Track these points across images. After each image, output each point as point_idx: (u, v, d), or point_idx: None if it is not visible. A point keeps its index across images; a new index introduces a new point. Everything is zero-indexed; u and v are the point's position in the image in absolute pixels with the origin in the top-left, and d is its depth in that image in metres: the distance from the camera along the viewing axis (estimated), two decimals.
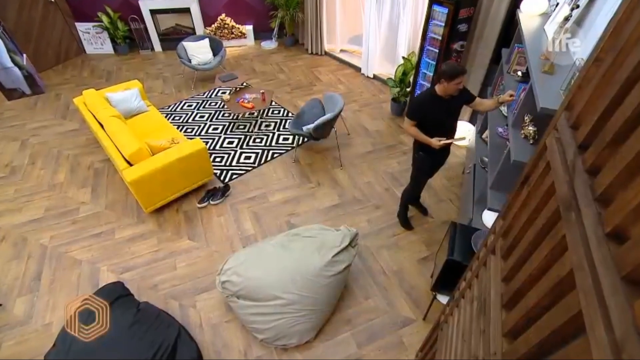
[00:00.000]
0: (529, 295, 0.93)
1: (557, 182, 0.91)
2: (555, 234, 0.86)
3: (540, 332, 0.82)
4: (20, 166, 4.04)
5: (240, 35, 6.75)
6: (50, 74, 6.01)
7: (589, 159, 0.81)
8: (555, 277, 0.79)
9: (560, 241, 0.81)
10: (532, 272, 0.95)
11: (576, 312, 0.67)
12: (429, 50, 3.84)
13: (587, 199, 0.75)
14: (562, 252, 0.80)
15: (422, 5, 4.37)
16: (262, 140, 4.32)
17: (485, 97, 3.39)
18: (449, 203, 3.50)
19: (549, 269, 0.85)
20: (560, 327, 0.73)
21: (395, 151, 4.16)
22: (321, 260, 2.49)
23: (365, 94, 5.28)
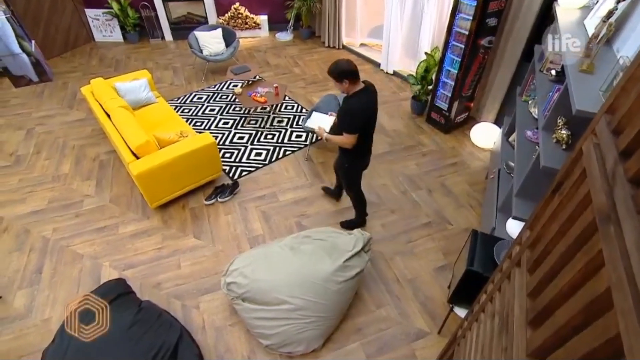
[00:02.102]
0: (559, 313, 0.91)
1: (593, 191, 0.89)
2: (590, 248, 0.84)
3: (570, 354, 0.79)
4: (25, 155, 4.16)
5: (255, 26, 6.79)
6: (58, 61, 6.17)
7: (632, 167, 0.78)
8: (590, 295, 0.77)
9: (596, 256, 0.79)
10: (562, 288, 0.93)
11: (613, 335, 0.65)
12: (454, 45, 3.79)
13: (628, 211, 0.73)
14: (598, 268, 0.78)
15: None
16: (274, 137, 4.34)
17: (514, 96, 3.32)
18: (470, 209, 3.46)
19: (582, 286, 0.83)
20: (594, 350, 0.71)
21: (414, 152, 4.13)
22: (332, 264, 2.49)
23: (384, 91, 5.25)
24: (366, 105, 2.49)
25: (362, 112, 2.47)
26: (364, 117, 2.49)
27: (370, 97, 2.51)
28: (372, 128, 2.66)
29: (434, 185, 3.70)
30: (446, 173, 3.85)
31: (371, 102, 2.53)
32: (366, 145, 2.74)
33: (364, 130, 2.56)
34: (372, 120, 2.61)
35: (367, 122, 2.55)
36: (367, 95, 2.48)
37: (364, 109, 2.48)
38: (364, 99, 2.47)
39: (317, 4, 6.23)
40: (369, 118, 2.56)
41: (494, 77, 4.01)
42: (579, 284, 0.84)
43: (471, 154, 4.10)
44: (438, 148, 4.19)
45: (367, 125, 2.57)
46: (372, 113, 2.57)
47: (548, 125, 2.18)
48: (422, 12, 4.74)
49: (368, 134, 2.66)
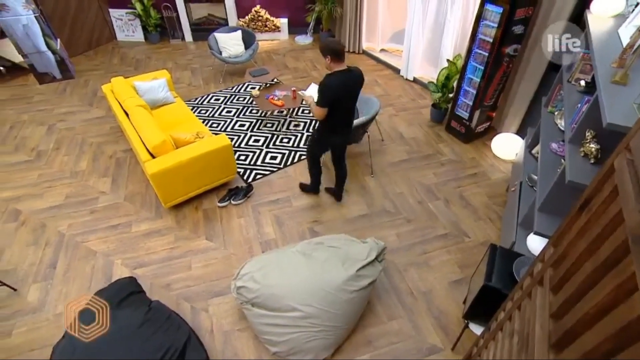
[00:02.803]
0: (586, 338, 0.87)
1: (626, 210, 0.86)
2: (622, 270, 0.81)
3: None
4: (46, 151, 4.29)
5: (274, 29, 6.88)
6: (81, 59, 6.37)
7: None
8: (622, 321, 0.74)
9: (629, 279, 0.76)
10: (589, 311, 0.90)
11: None
12: (477, 53, 3.75)
13: None
14: (631, 293, 0.75)
15: (474, 4, 4.28)
16: (290, 141, 4.36)
17: (539, 107, 3.26)
18: (489, 223, 3.39)
19: (613, 310, 0.80)
20: None
21: (432, 161, 4.08)
22: (345, 273, 2.47)
23: (403, 98, 5.23)
24: (339, 84, 2.68)
25: (333, 88, 2.67)
26: (333, 94, 2.68)
27: (348, 78, 2.71)
28: (343, 108, 2.84)
29: (452, 196, 3.65)
30: (465, 184, 3.79)
31: (347, 83, 2.72)
32: (335, 123, 2.92)
33: (333, 107, 2.74)
34: (344, 100, 2.78)
35: (337, 99, 2.73)
36: (345, 75, 2.69)
37: (336, 86, 2.67)
38: (341, 78, 2.68)
39: (338, 8, 6.27)
40: (340, 97, 2.73)
41: (518, 87, 3.94)
42: (609, 308, 0.81)
43: (492, 165, 4.03)
44: (457, 158, 4.14)
45: (337, 102, 2.75)
46: (344, 93, 2.74)
47: (575, 138, 2.13)
48: (445, 18, 4.71)
49: (338, 113, 2.82)
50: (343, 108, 2.84)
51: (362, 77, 2.83)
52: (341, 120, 2.95)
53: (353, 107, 2.96)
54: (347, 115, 2.96)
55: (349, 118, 3.00)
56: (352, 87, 2.78)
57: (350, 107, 2.92)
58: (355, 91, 2.83)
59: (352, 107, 2.94)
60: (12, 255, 3.12)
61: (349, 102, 2.85)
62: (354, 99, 2.87)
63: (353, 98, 2.86)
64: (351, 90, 2.79)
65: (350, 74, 2.73)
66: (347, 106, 2.88)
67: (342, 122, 2.97)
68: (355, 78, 2.77)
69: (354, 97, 2.86)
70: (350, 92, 2.80)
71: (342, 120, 2.96)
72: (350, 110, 2.95)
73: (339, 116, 2.87)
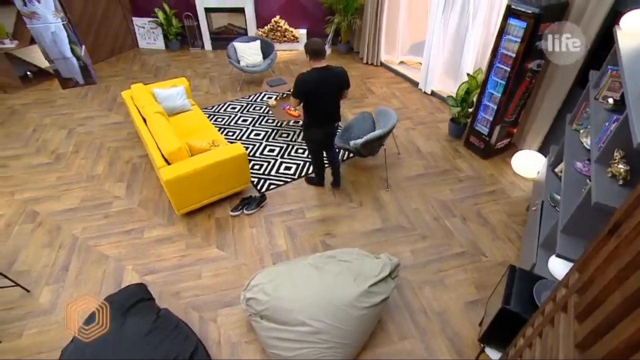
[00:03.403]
0: None
1: None
2: None
3: None
4: (65, 154, 4.41)
5: (293, 39, 6.99)
6: (103, 65, 6.59)
7: None
8: None
9: None
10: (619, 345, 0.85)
11: None
12: (499, 68, 3.71)
13: None
14: None
15: (496, 18, 4.26)
16: (305, 152, 4.38)
17: (563, 124, 3.19)
18: (508, 242, 3.30)
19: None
20: None
21: (449, 177, 4.03)
22: (357, 288, 2.44)
23: (421, 111, 5.20)
24: (312, 79, 2.95)
25: (304, 82, 2.95)
26: (305, 87, 2.97)
27: (324, 75, 2.98)
28: (320, 102, 3.10)
29: (470, 214, 3.59)
30: (483, 201, 3.72)
31: (322, 80, 2.98)
32: (315, 117, 3.22)
33: (309, 100, 3.06)
34: (319, 95, 3.04)
35: (311, 93, 3.01)
36: (320, 72, 2.96)
37: (308, 81, 2.95)
38: (315, 74, 2.95)
39: (357, 20, 6.33)
40: (313, 91, 3.00)
41: (541, 103, 3.88)
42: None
43: (512, 183, 3.95)
44: (476, 174, 4.07)
45: (312, 96, 3.04)
46: (318, 88, 2.99)
47: (602, 158, 2.07)
48: (466, 31, 4.71)
49: (315, 107, 3.12)
50: (320, 102, 3.10)
51: (342, 75, 3.09)
52: (321, 115, 3.22)
53: (333, 102, 3.21)
54: (327, 110, 3.22)
55: (330, 113, 3.26)
56: (327, 84, 3.03)
57: (329, 102, 3.18)
58: (331, 88, 3.08)
59: (332, 102, 3.20)
60: (28, 256, 3.19)
61: (326, 97, 3.11)
62: (331, 95, 3.13)
63: (331, 94, 3.12)
64: (327, 86, 3.04)
65: (328, 72, 2.99)
66: (325, 100, 3.13)
67: (322, 117, 3.24)
68: (332, 76, 3.03)
69: (331, 93, 3.11)
70: (326, 88, 3.05)
71: (322, 115, 3.23)
72: (330, 105, 3.21)
73: (317, 110, 3.17)
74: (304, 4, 6.85)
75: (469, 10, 4.58)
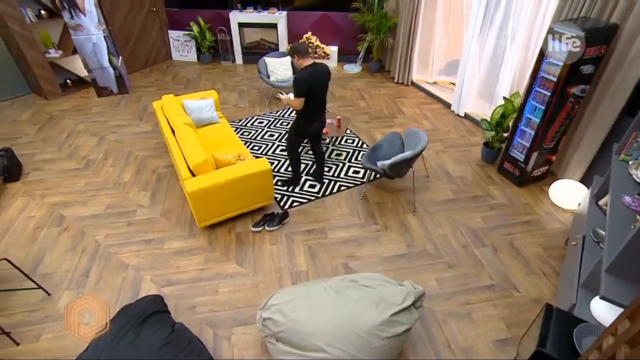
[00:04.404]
0: None
1: None
2: None
3: None
4: (94, 160, 4.60)
5: (324, 56, 7.11)
6: (137, 75, 6.91)
7: None
8: None
9: None
10: None
11: None
12: (538, 92, 3.62)
13: None
14: None
15: (536, 40, 4.19)
16: (331, 170, 4.38)
17: (609, 154, 3.06)
18: (543, 278, 3.14)
19: None
20: None
21: (480, 204, 3.92)
22: (378, 316, 2.37)
23: (452, 134, 5.13)
24: (309, 75, 3.30)
25: (305, 80, 3.29)
26: (306, 84, 3.30)
27: (316, 69, 3.34)
28: (316, 97, 3.44)
29: (501, 244, 3.45)
30: (516, 232, 3.58)
31: (316, 74, 3.34)
32: (311, 112, 3.52)
33: (309, 95, 3.35)
34: (316, 90, 3.39)
35: (310, 89, 3.33)
36: (312, 68, 3.33)
37: (307, 78, 3.29)
38: (309, 70, 3.32)
39: (390, 38, 6.39)
40: (312, 86, 3.33)
41: (584, 130, 3.74)
42: None
43: (549, 213, 3.79)
44: (509, 202, 3.94)
45: (311, 91, 3.34)
46: (315, 83, 3.35)
47: None
48: (504, 53, 4.65)
49: (312, 102, 3.43)
50: (316, 97, 3.45)
51: (328, 70, 3.46)
52: (316, 109, 3.56)
53: (324, 96, 3.57)
54: (321, 103, 3.58)
55: (323, 106, 3.63)
56: (320, 78, 3.40)
57: (323, 95, 3.54)
58: (323, 81, 3.44)
59: (324, 96, 3.56)
60: (52, 259, 3.30)
61: (320, 91, 3.48)
62: (323, 88, 3.49)
63: (322, 88, 3.48)
64: (320, 80, 3.40)
65: (317, 67, 3.36)
66: (320, 95, 3.50)
67: (317, 111, 3.58)
68: (322, 70, 3.40)
69: (323, 87, 3.48)
70: (320, 82, 3.41)
71: (317, 109, 3.57)
72: (323, 99, 3.58)
73: (314, 105, 3.48)
74: (337, 22, 7.00)
75: (507, 32, 4.54)
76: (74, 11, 5.25)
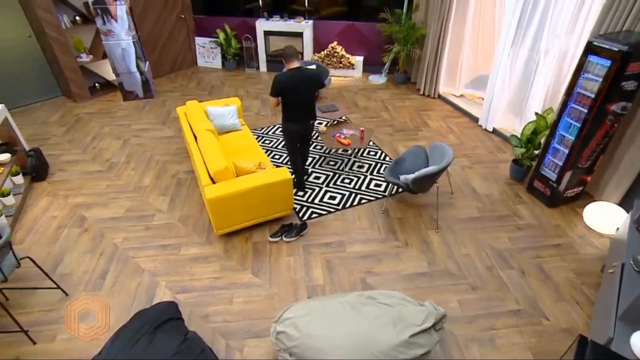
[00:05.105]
0: None
1: None
2: None
3: None
4: (117, 163, 4.74)
5: (349, 66, 7.15)
6: (163, 80, 7.13)
7: None
8: None
9: None
10: None
11: None
12: (574, 108, 3.52)
13: None
14: None
15: (573, 54, 4.09)
16: (352, 182, 4.37)
17: None
18: (575, 306, 3.01)
19: None
20: None
21: (507, 223, 3.81)
22: (396, 337, 2.31)
23: (479, 149, 5.03)
24: (285, 78, 3.51)
25: (279, 81, 3.51)
26: (279, 86, 3.51)
27: (296, 74, 3.52)
28: (295, 100, 3.62)
29: (529, 267, 3.33)
30: (546, 255, 3.46)
31: (295, 78, 3.52)
32: (291, 113, 3.72)
33: (283, 97, 3.59)
34: (293, 93, 3.57)
35: (284, 91, 3.54)
36: (293, 72, 3.52)
37: (282, 80, 3.51)
38: (288, 74, 3.52)
39: (417, 50, 6.37)
40: (286, 89, 3.53)
41: (624, 150, 3.60)
42: None
43: (582, 237, 3.64)
44: (538, 223, 3.81)
45: (285, 93, 3.56)
46: (292, 86, 3.53)
47: None
48: (537, 67, 4.55)
49: (290, 103, 3.64)
50: (295, 100, 3.62)
51: (314, 76, 3.65)
52: (295, 111, 3.71)
53: (307, 100, 3.69)
54: (302, 107, 3.71)
55: (305, 110, 3.75)
56: (301, 82, 3.54)
57: (304, 100, 3.67)
58: (304, 86, 3.58)
59: (306, 100, 3.68)
60: (71, 260, 3.40)
61: (300, 94, 3.61)
62: (305, 92, 3.62)
63: (304, 91, 3.61)
64: (300, 84, 3.54)
65: (300, 72, 3.53)
66: (299, 99, 3.64)
67: (297, 113, 3.73)
68: (305, 75, 3.55)
69: (304, 90, 3.61)
70: (300, 86, 3.55)
71: (298, 112, 3.72)
72: (305, 104, 3.70)
73: (293, 107, 3.67)
74: (363, 32, 7.04)
75: (540, 45, 4.45)
76: (106, 17, 5.50)
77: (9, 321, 2.74)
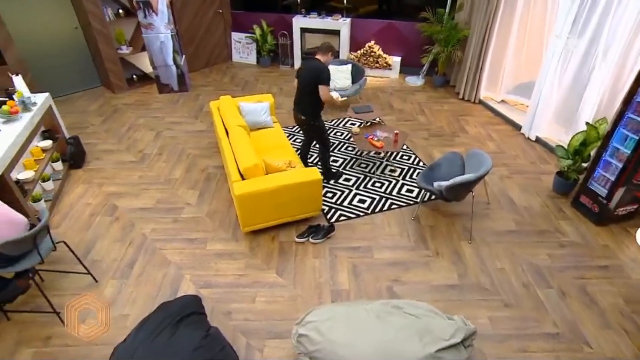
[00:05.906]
0: None
1: None
2: None
3: None
4: (150, 155, 4.92)
5: (385, 66, 7.10)
6: (197, 75, 7.34)
7: None
8: None
9: None
10: None
11: None
12: (632, 119, 3.33)
13: None
14: None
15: (635, 59, 3.87)
16: (383, 186, 4.33)
17: None
18: (623, 335, 2.83)
19: None
20: None
21: (548, 239, 3.66)
22: (421, 350, 2.28)
23: (520, 159, 4.86)
24: (301, 65, 3.94)
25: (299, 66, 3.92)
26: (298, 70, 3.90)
27: (306, 63, 3.86)
28: (298, 84, 3.90)
29: (571, 288, 3.18)
30: (591, 276, 3.29)
31: (304, 65, 3.87)
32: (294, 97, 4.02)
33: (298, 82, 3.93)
34: (298, 78, 3.86)
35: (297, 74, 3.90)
36: (306, 61, 3.92)
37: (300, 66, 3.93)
38: (304, 62, 3.97)
39: (458, 51, 6.23)
40: (297, 74, 3.89)
41: None
42: None
43: (634, 260, 3.44)
44: (583, 241, 3.63)
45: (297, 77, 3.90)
46: (299, 72, 3.85)
47: None
48: (591, 73, 4.34)
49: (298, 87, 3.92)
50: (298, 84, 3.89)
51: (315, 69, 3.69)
52: (297, 97, 3.98)
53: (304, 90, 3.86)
54: (300, 95, 3.93)
55: (301, 100, 3.94)
56: (305, 69, 3.83)
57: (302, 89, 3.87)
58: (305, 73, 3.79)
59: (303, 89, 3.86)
60: (102, 247, 3.56)
61: (301, 82, 3.86)
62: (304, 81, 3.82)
63: (304, 80, 3.82)
64: (304, 71, 3.82)
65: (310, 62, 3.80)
66: (300, 85, 3.88)
67: (297, 100, 3.98)
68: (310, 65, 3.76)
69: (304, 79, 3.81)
70: (303, 73, 3.82)
71: (297, 98, 3.97)
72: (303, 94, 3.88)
73: (296, 92, 3.97)
74: (402, 31, 6.96)
75: (598, 48, 4.23)
76: (148, 11, 5.72)
77: (44, 302, 2.90)
